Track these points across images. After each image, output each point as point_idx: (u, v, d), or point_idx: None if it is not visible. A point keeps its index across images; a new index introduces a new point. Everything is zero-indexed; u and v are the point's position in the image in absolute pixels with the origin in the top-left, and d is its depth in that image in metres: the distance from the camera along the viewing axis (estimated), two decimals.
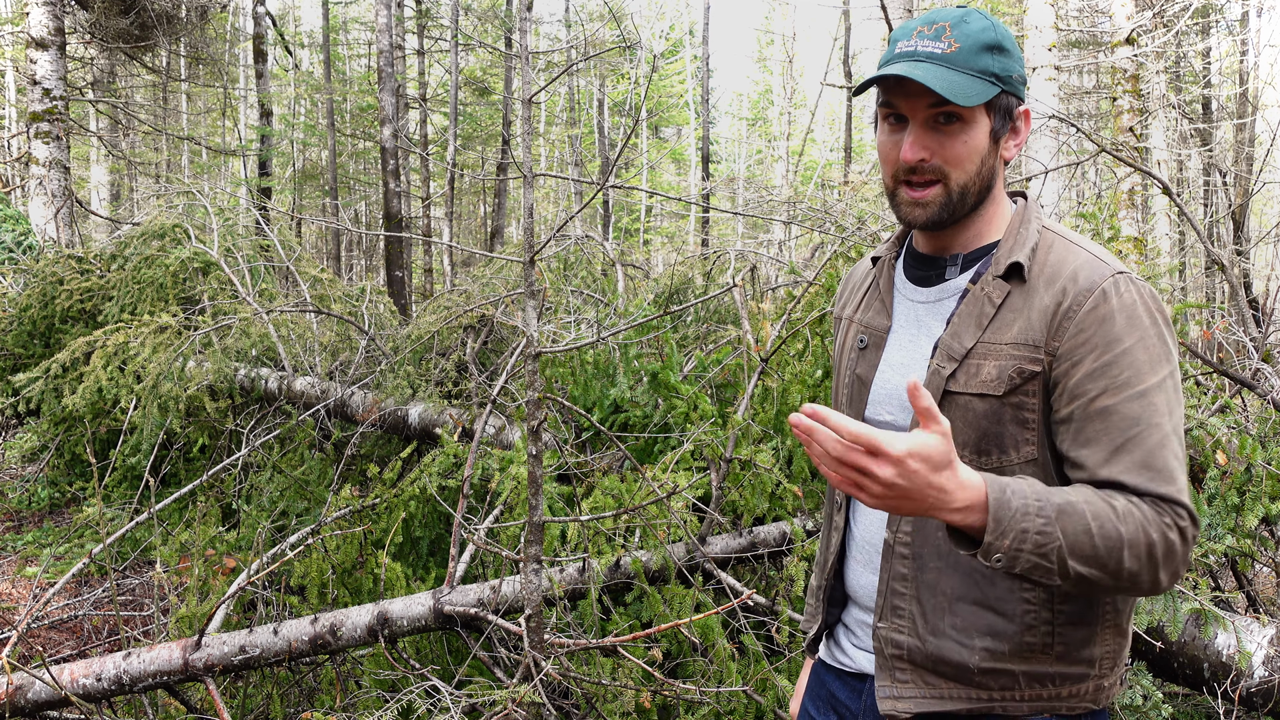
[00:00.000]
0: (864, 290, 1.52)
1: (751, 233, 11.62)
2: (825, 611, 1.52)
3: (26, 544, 4.99)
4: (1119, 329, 1.22)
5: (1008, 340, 1.28)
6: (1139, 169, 3.56)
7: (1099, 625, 1.30)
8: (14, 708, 2.62)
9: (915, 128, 1.30)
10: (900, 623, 1.35)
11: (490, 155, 17.16)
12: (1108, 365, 1.22)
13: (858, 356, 1.47)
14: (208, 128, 19.65)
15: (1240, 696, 2.41)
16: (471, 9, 17.33)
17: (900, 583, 1.35)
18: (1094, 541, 1.15)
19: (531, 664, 2.34)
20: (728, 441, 2.96)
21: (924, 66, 1.27)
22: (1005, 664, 1.29)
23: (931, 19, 1.31)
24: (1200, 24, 13.46)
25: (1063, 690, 1.29)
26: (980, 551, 1.16)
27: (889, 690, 1.35)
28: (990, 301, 1.31)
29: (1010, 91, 1.31)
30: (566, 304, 4.91)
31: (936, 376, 1.32)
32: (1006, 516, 1.14)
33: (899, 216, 1.37)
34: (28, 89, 8.56)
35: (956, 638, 1.30)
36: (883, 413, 1.42)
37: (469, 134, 18.53)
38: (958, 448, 1.29)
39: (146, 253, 6.07)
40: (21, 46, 10.80)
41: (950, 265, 1.38)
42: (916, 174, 1.32)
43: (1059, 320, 1.25)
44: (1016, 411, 1.27)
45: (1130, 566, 1.17)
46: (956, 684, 1.31)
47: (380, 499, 3.49)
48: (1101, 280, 1.25)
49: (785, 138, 23.82)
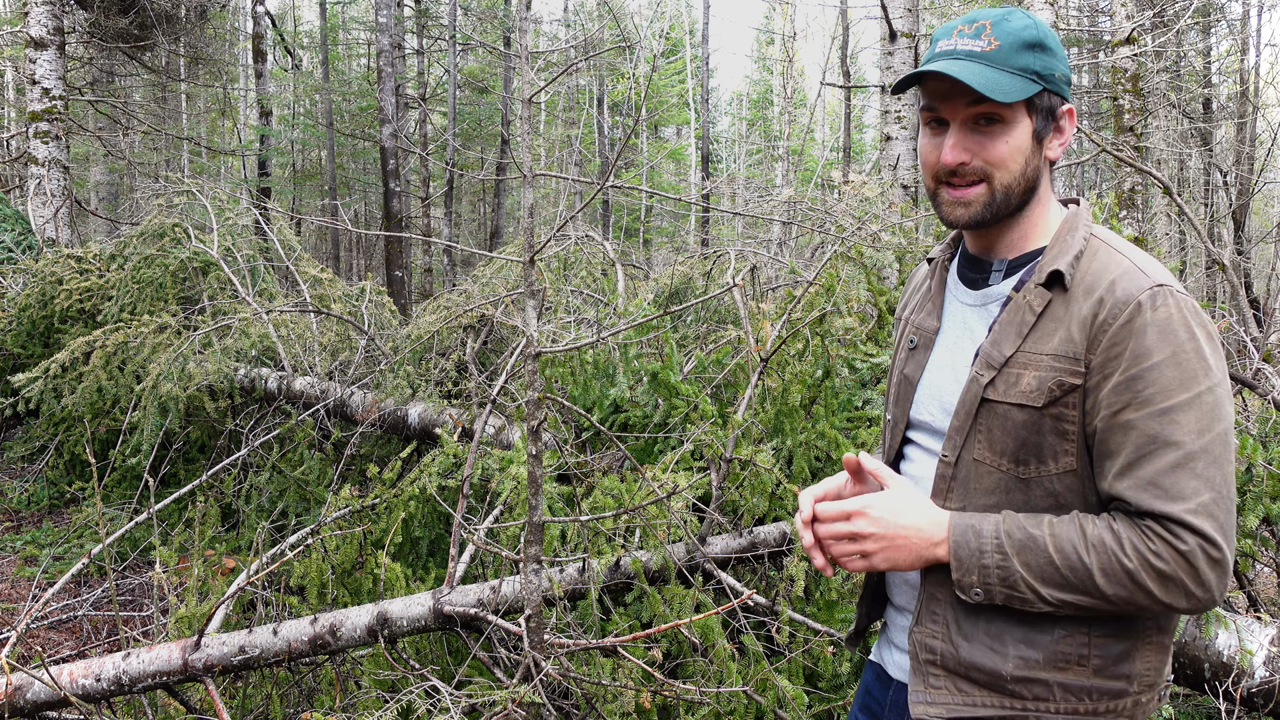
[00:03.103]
0: (921, 292, 1.53)
1: (751, 232, 11.61)
2: (868, 606, 1.55)
3: (26, 544, 4.99)
4: (1149, 343, 1.20)
5: (1048, 351, 1.27)
6: (1139, 169, 3.56)
7: (1139, 641, 1.28)
8: (13, 708, 2.62)
9: (955, 130, 1.30)
10: (935, 628, 1.35)
11: (490, 155, 17.14)
12: (1133, 380, 1.21)
13: (907, 356, 1.48)
14: (207, 128, 19.64)
15: (1241, 696, 2.40)
16: (471, 9, 17.33)
17: (937, 588, 1.35)
18: (1060, 571, 1.20)
19: (531, 664, 2.34)
20: (728, 441, 2.96)
21: (962, 64, 1.27)
22: (1039, 673, 1.27)
23: (973, 18, 1.31)
24: (1200, 23, 13.46)
25: (1100, 705, 1.27)
26: (956, 587, 1.26)
27: (921, 695, 1.35)
28: (1031, 310, 1.30)
29: (1053, 90, 1.30)
30: (566, 304, 4.90)
31: (975, 384, 1.32)
32: (966, 555, 1.25)
33: (941, 217, 1.37)
34: (27, 89, 8.56)
35: (989, 644, 1.30)
36: (924, 413, 1.43)
37: (469, 134, 18.52)
38: (995, 456, 1.30)
39: (146, 253, 6.06)
40: (21, 46, 10.79)
41: (996, 270, 1.38)
42: (958, 176, 1.32)
43: (1094, 332, 1.24)
44: (1056, 423, 1.26)
45: (1117, 593, 1.19)
46: (990, 691, 1.30)
47: (380, 499, 3.49)
48: (1138, 292, 1.23)
49: (785, 137, 23.81)
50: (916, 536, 1.26)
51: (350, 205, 20.00)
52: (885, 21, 7.14)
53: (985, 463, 1.31)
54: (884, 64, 7.40)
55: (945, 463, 1.35)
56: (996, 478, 1.30)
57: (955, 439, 1.33)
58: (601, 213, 20.47)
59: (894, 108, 7.20)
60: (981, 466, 1.31)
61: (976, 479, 1.32)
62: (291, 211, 18.55)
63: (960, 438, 1.33)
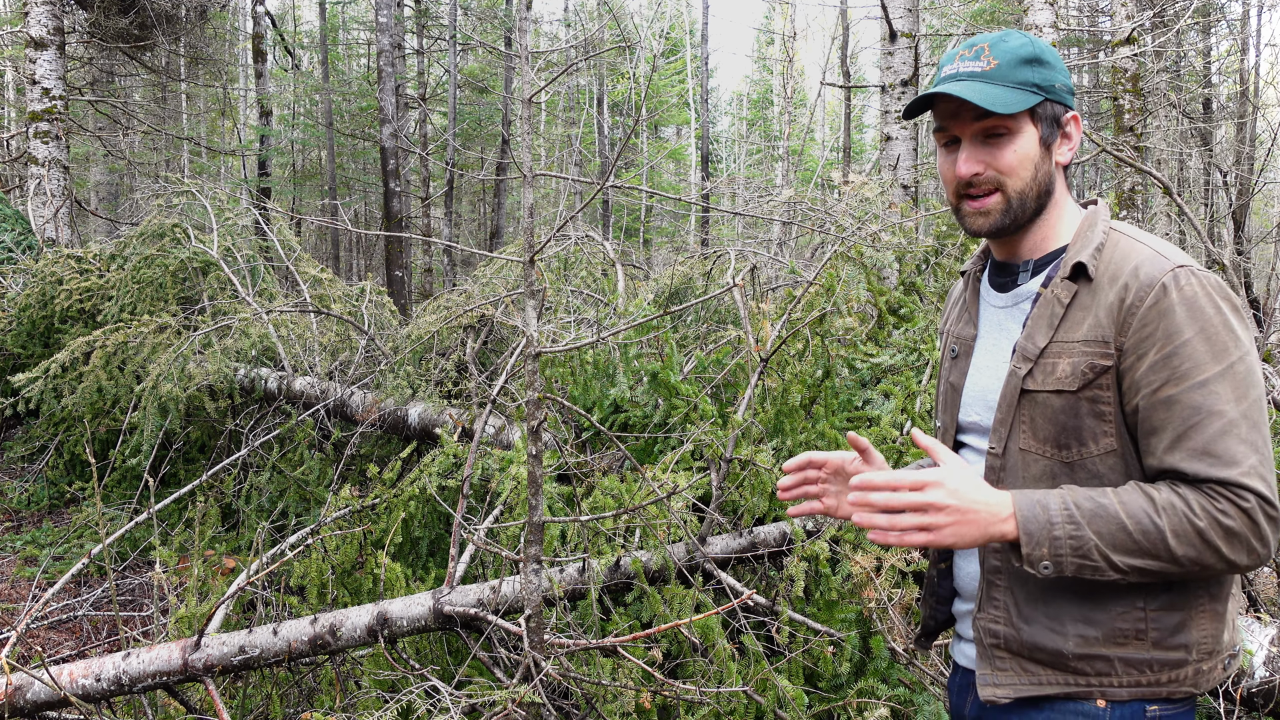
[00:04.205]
0: (959, 304, 1.64)
1: (751, 232, 11.61)
2: (933, 607, 1.61)
3: (26, 544, 4.99)
4: (1179, 321, 1.28)
5: (1078, 338, 1.36)
6: (1139, 169, 3.56)
7: (1193, 610, 1.33)
8: (13, 708, 2.62)
9: (967, 145, 1.42)
10: (996, 613, 1.42)
11: (490, 155, 17.14)
12: (1169, 357, 1.28)
13: (951, 365, 1.58)
14: (207, 128, 19.63)
15: (1241, 696, 2.41)
16: (471, 9, 17.32)
17: (995, 575, 1.43)
18: (1132, 536, 1.24)
19: (531, 664, 2.34)
20: (728, 441, 2.96)
21: (964, 84, 1.39)
22: (1099, 650, 1.34)
23: (972, 43, 1.44)
24: (1200, 23, 13.46)
25: (1161, 676, 1.33)
26: (1025, 562, 1.28)
27: (989, 678, 1.42)
28: (1059, 302, 1.39)
29: (1054, 99, 1.41)
30: (566, 304, 4.90)
31: (1014, 377, 1.41)
32: (1036, 528, 1.27)
33: (965, 228, 1.47)
34: (27, 89, 8.56)
35: (1049, 625, 1.36)
36: (971, 414, 1.51)
37: (468, 134, 18.51)
38: (1039, 444, 1.38)
39: (146, 253, 6.06)
40: (21, 46, 10.79)
41: (1023, 271, 1.48)
42: (974, 187, 1.43)
43: (1123, 316, 1.32)
44: (1093, 405, 1.34)
45: (1186, 553, 1.24)
46: (1054, 670, 1.37)
47: (380, 499, 3.49)
48: (1161, 274, 1.31)
49: (785, 137, 23.81)
50: (986, 512, 1.28)
51: (350, 205, 20.00)
52: (885, 21, 7.14)
53: (1031, 451, 1.39)
54: (884, 64, 7.40)
55: (993, 455, 1.43)
56: (1043, 464, 1.38)
57: (1000, 431, 1.42)
58: (601, 213, 20.47)
59: (894, 108, 7.20)
60: (1028, 455, 1.39)
61: (1024, 467, 1.40)
62: (291, 211, 18.55)
63: (1005, 429, 1.41)
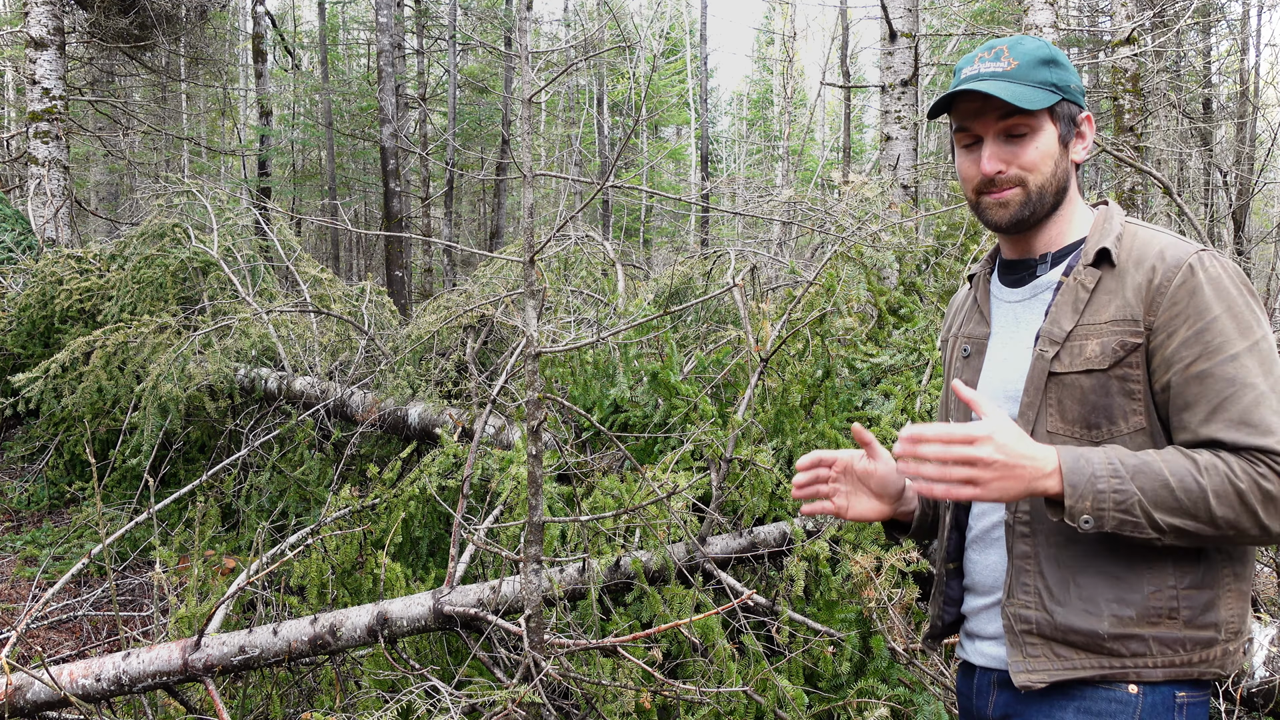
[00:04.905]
0: (965, 308, 1.66)
1: (751, 232, 11.61)
2: (941, 608, 1.61)
3: (26, 544, 4.99)
4: (1208, 299, 1.33)
5: (1106, 319, 1.39)
6: (1139, 169, 3.56)
7: (1220, 589, 1.36)
8: (13, 708, 2.62)
9: (990, 143, 1.46)
10: (1027, 599, 1.42)
11: (490, 155, 17.14)
12: (1200, 333, 1.33)
13: (963, 365, 1.59)
14: (207, 128, 19.63)
15: (1241, 696, 2.41)
16: (471, 9, 17.32)
17: (1024, 560, 1.43)
18: (1175, 495, 1.27)
19: (531, 664, 2.34)
20: (728, 441, 2.96)
21: (988, 83, 1.43)
22: (1134, 629, 1.35)
23: (990, 45, 1.49)
24: (1200, 23, 13.46)
25: (1193, 655, 1.35)
26: (1066, 515, 1.28)
27: (1021, 665, 1.42)
28: (1084, 288, 1.42)
29: (1070, 99, 1.46)
30: (566, 304, 4.90)
31: (1040, 361, 1.43)
32: (1081, 481, 1.27)
33: (985, 221, 1.51)
34: (27, 89, 8.56)
35: (1084, 607, 1.37)
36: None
37: (468, 134, 18.51)
38: (1068, 425, 1.40)
39: (146, 253, 6.06)
40: (21, 46, 10.79)
41: (1041, 264, 1.51)
42: (995, 185, 1.46)
43: (1152, 295, 1.36)
44: (1123, 383, 1.37)
45: (1225, 515, 1.26)
46: (1088, 653, 1.37)
47: (380, 499, 3.49)
48: (1187, 256, 1.36)
49: (785, 137, 23.81)
50: (1031, 465, 1.28)
51: (350, 205, 20.00)
52: (885, 21, 7.15)
53: (1059, 433, 1.41)
54: (884, 64, 7.40)
55: None
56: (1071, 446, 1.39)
57: (1028, 414, 1.43)
58: (601, 213, 20.47)
59: (894, 108, 7.20)
60: (1056, 438, 1.40)
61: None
62: (291, 211, 18.55)
63: (1032, 413, 1.43)
